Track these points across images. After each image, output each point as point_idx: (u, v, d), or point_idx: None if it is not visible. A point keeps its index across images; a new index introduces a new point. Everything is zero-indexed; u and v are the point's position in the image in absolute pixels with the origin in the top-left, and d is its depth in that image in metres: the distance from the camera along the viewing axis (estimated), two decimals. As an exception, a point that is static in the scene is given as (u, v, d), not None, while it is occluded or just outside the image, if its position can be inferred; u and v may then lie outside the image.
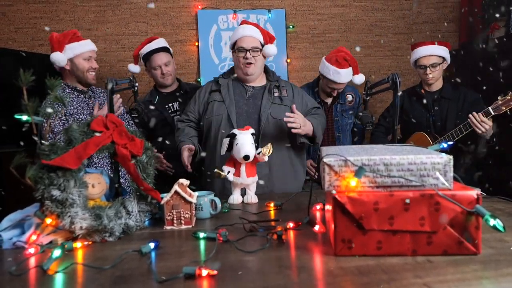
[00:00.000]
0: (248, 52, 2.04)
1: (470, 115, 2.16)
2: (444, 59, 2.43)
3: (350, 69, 2.44)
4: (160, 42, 2.58)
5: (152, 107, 2.49)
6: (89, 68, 2.19)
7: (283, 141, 2.05)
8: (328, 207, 1.10)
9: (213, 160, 2.03)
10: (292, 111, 1.92)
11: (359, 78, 2.46)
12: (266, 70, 2.22)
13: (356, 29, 3.61)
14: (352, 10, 3.60)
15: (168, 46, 2.64)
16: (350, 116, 2.70)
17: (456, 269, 0.87)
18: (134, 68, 2.64)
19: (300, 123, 1.89)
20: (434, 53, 2.39)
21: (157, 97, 2.59)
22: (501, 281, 0.81)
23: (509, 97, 2.04)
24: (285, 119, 1.87)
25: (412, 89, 2.62)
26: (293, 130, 1.89)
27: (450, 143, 1.24)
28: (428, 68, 2.39)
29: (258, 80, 2.16)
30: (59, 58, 2.12)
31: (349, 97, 2.72)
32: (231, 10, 3.47)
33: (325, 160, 0.98)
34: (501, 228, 0.90)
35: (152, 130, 2.49)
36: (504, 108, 2.06)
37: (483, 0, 3.18)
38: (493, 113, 2.09)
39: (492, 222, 0.90)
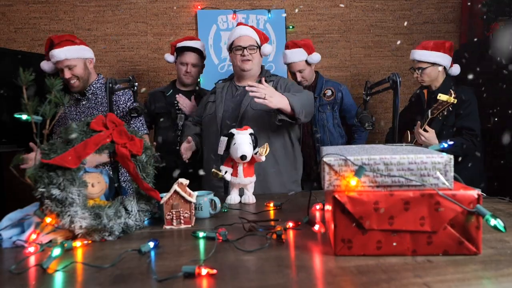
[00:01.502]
0: (245, 50, 2.09)
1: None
2: (433, 63, 2.36)
3: (300, 50, 2.68)
4: (197, 44, 2.66)
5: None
6: (65, 78, 2.09)
7: (265, 132, 1.97)
8: (328, 207, 1.10)
9: (209, 160, 2.06)
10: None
11: (315, 57, 2.69)
12: (261, 69, 2.23)
13: (356, 30, 3.61)
14: (352, 10, 3.60)
15: (203, 51, 2.69)
16: (329, 112, 2.71)
17: (456, 269, 0.87)
18: (170, 57, 2.72)
19: (266, 93, 1.76)
20: (418, 58, 2.40)
21: (172, 90, 2.66)
22: (502, 281, 0.80)
23: (440, 101, 2.03)
24: (247, 88, 1.79)
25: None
26: (256, 100, 1.77)
27: (451, 142, 1.24)
28: (415, 71, 2.41)
29: (253, 79, 2.15)
30: (44, 66, 2.15)
31: (328, 92, 2.73)
32: (230, 10, 3.47)
33: (325, 159, 0.98)
34: (502, 228, 0.89)
35: (154, 120, 2.63)
36: (435, 112, 2.07)
37: (484, 1, 3.18)
38: (430, 116, 2.09)
39: (492, 222, 0.89)
